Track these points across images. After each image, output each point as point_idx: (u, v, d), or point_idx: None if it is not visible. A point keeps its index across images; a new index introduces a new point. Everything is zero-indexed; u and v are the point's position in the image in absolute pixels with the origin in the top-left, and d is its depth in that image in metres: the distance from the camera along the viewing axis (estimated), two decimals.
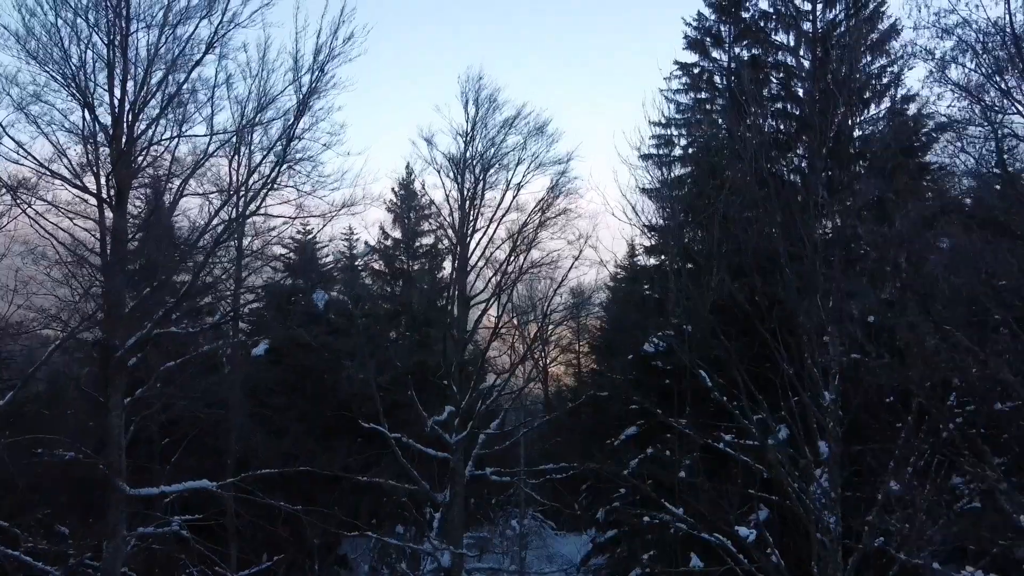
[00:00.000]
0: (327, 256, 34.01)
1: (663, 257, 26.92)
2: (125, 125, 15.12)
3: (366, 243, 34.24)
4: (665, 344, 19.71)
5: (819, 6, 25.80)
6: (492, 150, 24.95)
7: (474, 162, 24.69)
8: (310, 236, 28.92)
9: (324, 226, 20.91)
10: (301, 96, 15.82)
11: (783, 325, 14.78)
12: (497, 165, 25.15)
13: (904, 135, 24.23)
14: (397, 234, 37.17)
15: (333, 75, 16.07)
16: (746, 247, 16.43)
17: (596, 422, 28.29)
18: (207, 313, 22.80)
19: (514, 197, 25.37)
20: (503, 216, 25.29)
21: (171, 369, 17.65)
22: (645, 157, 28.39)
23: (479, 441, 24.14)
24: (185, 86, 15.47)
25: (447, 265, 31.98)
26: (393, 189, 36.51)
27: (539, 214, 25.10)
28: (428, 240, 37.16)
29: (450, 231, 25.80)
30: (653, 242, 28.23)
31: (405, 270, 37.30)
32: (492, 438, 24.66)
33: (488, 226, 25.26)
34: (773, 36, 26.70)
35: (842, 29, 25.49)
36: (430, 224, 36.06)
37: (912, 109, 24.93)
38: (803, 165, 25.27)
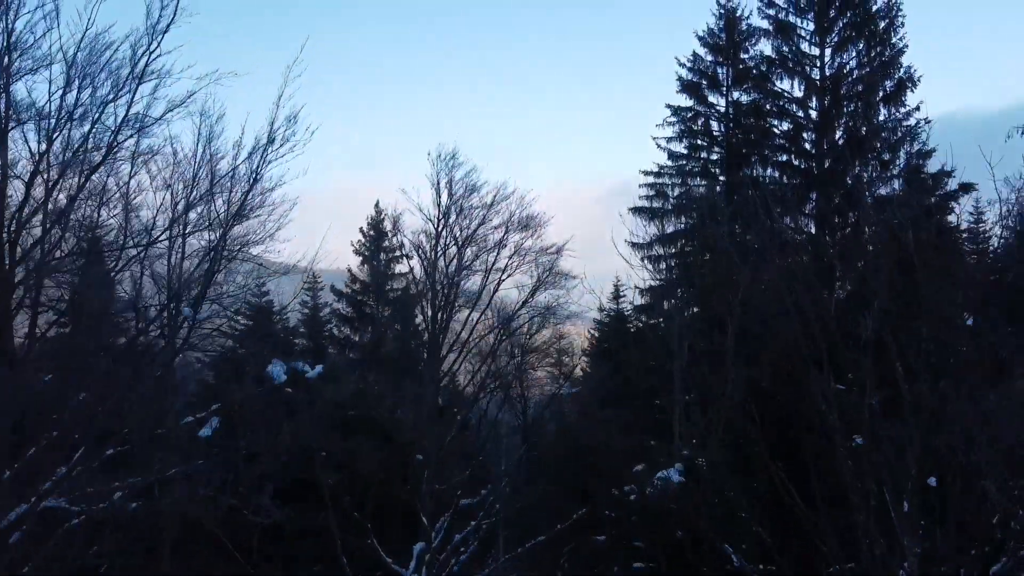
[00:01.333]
0: (288, 315, 31.46)
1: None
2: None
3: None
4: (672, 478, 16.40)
5: (828, 51, 23.55)
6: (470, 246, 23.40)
7: (449, 260, 23.05)
8: (266, 296, 26.22)
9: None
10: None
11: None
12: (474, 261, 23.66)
13: (923, 195, 22.04)
14: (365, 276, 34.48)
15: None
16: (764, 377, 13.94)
17: None
18: None
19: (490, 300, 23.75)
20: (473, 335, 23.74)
21: None
22: (637, 210, 26.07)
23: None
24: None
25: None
26: (361, 229, 33.84)
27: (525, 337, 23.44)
28: (400, 284, 34.56)
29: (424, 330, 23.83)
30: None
31: (374, 316, 34.68)
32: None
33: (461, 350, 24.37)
34: (776, 83, 24.40)
35: (855, 76, 23.26)
36: (401, 266, 33.57)
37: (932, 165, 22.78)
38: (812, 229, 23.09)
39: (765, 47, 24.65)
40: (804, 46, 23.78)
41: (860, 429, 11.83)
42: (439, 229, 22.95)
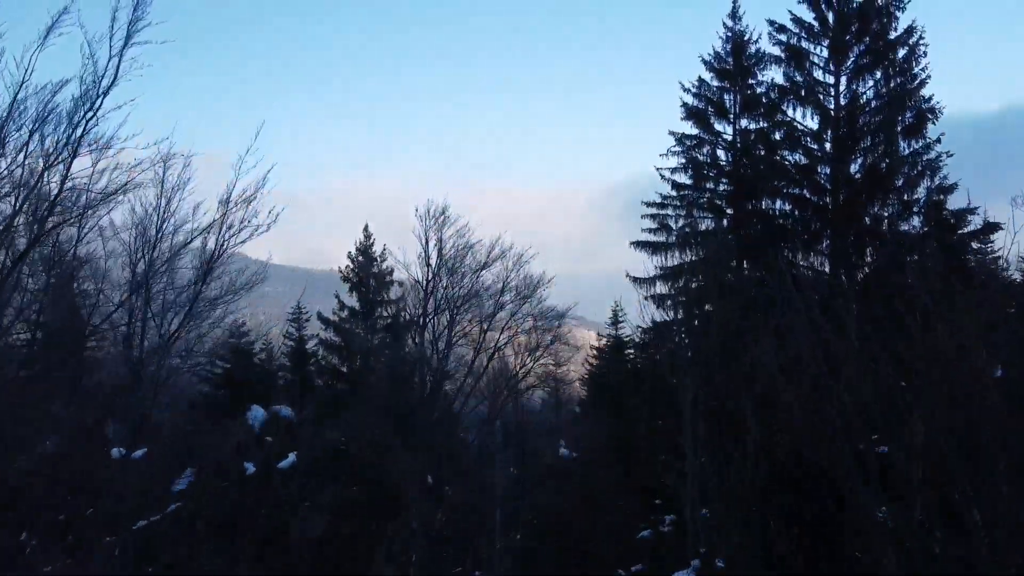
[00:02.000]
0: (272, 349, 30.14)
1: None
2: None
3: None
4: None
5: (843, 79, 22.12)
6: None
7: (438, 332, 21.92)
8: (244, 336, 24.86)
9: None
10: None
11: None
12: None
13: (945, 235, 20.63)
14: (354, 302, 33.06)
15: None
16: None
17: None
18: None
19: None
20: None
21: None
22: (639, 244, 24.68)
23: None
24: None
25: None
26: (350, 254, 32.50)
27: None
28: (390, 310, 33.14)
29: None
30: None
31: (363, 344, 33.22)
32: None
33: None
34: (788, 111, 23.01)
35: (872, 106, 21.83)
36: (393, 292, 32.17)
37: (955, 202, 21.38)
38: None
39: (776, 74, 23.27)
40: (818, 74, 22.35)
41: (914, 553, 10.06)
42: (428, 291, 21.77)
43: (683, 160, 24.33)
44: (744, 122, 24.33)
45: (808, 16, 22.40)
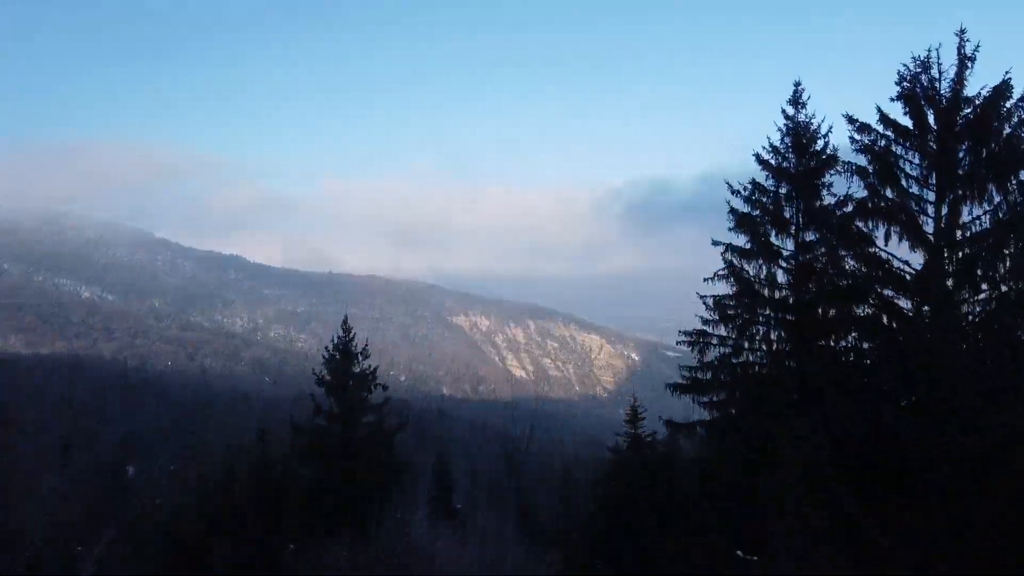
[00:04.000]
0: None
1: None
2: None
3: None
4: None
5: (948, 198, 17.37)
6: None
7: None
8: None
9: None
10: None
11: None
12: None
13: None
14: (334, 407, 28.34)
15: None
16: None
17: None
18: None
19: None
20: None
21: None
22: (674, 387, 20.15)
23: None
24: None
25: None
26: (327, 350, 28.02)
27: None
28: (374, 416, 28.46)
29: None
30: None
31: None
32: None
33: None
34: (864, 226, 18.26)
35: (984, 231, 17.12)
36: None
37: None
38: None
39: (850, 181, 18.59)
40: (913, 187, 17.92)
41: None
42: None
43: (732, 284, 19.57)
44: (809, 235, 19.56)
45: (902, 116, 18.23)
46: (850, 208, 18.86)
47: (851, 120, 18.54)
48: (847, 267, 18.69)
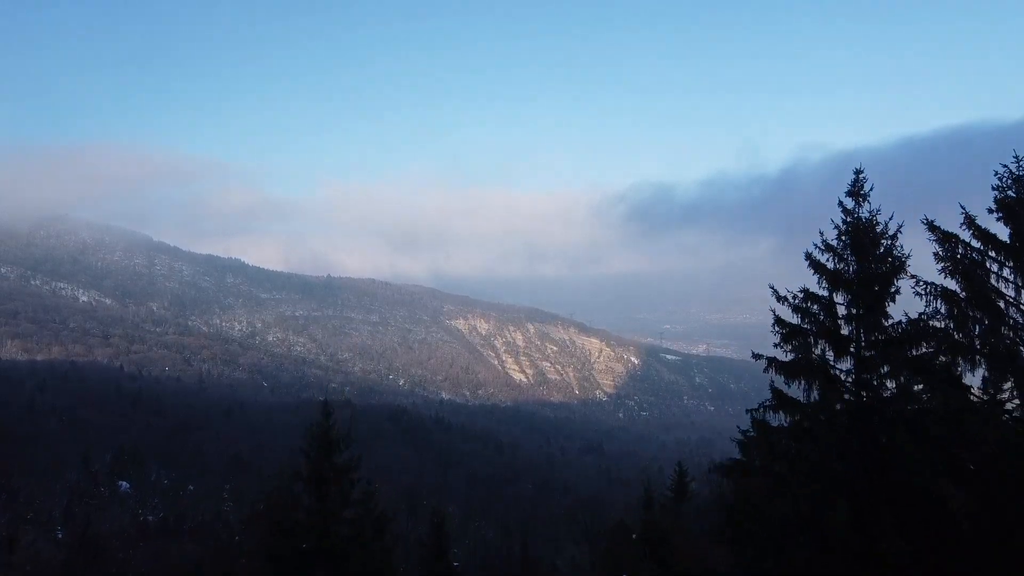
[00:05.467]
0: None
1: None
2: None
3: None
4: None
5: None
6: None
7: None
8: None
9: None
10: None
11: None
12: None
13: None
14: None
15: None
16: None
17: None
18: None
19: None
20: None
21: None
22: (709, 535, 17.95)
23: None
24: None
25: None
26: (303, 449, 25.45)
27: None
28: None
29: None
30: None
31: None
32: None
33: None
34: (958, 372, 15.49)
35: None
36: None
37: None
38: None
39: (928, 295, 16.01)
40: (1008, 310, 15.48)
41: None
42: None
43: (780, 415, 17.24)
44: (870, 352, 16.95)
45: (998, 226, 15.47)
46: (925, 322, 15.78)
47: (932, 227, 15.70)
48: (926, 401, 15.82)
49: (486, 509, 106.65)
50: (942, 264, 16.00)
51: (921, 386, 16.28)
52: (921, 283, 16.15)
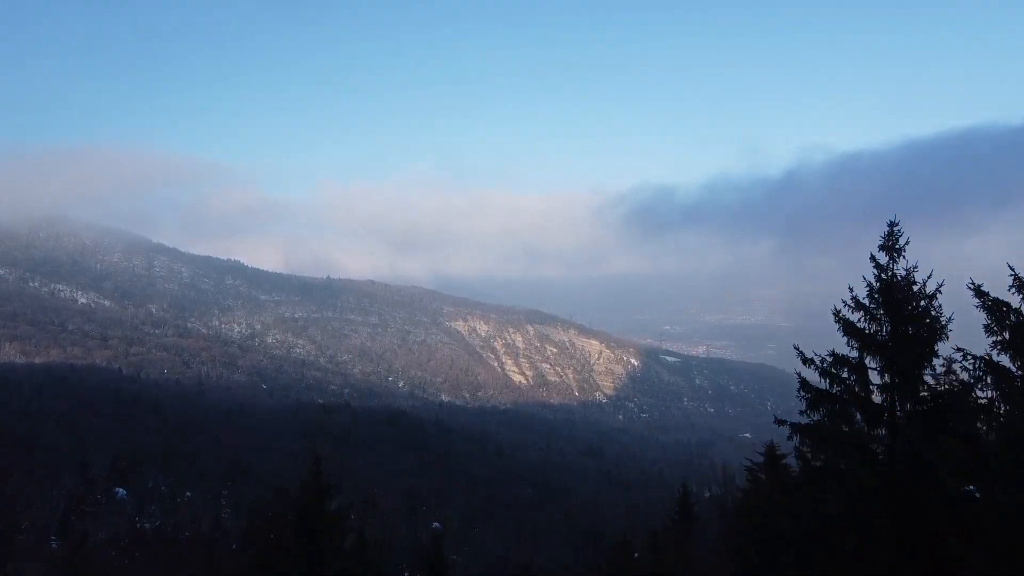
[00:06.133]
0: None
1: None
2: None
3: None
4: None
5: None
6: None
7: None
8: None
9: None
10: None
11: None
12: None
13: None
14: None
15: None
16: None
17: None
18: None
19: None
20: None
21: None
22: None
23: None
24: None
25: None
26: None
27: None
28: None
29: None
30: None
31: None
32: None
33: None
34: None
35: None
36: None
37: None
38: None
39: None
40: None
41: None
42: None
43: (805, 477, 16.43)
44: (907, 422, 15.70)
45: None
46: (969, 393, 14.57)
47: (979, 293, 14.52)
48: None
49: (486, 514, 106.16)
50: (993, 338, 14.75)
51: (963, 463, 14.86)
52: (968, 357, 14.71)
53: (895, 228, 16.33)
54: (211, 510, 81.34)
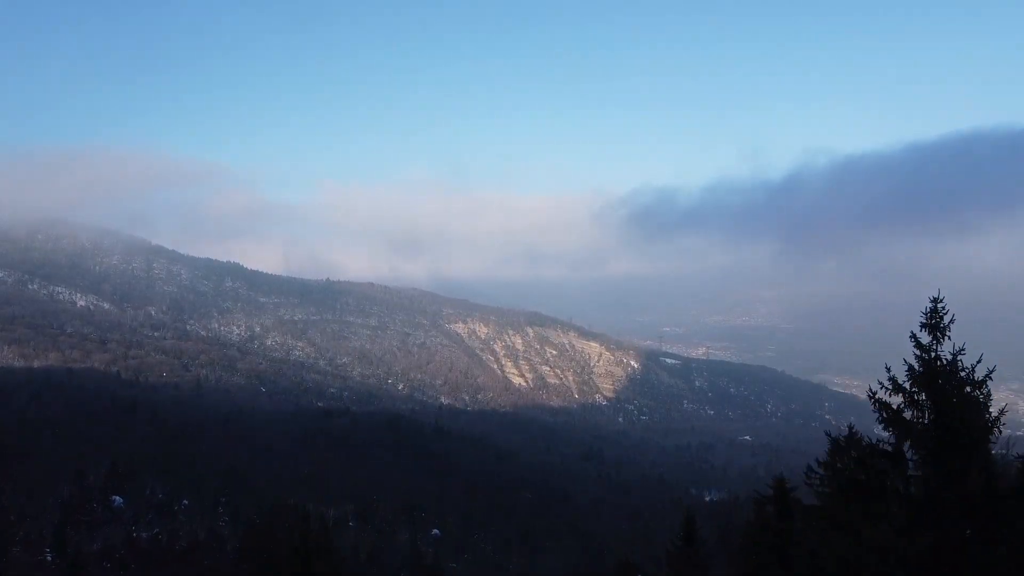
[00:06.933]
0: None
1: None
2: None
3: None
4: None
5: None
6: None
7: None
8: None
9: None
10: None
11: None
12: None
13: None
14: None
15: None
16: None
17: None
18: None
19: None
20: None
21: None
22: None
23: None
24: None
25: None
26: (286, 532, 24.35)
27: None
28: None
29: None
30: None
31: None
32: None
33: None
34: None
35: None
36: None
37: None
38: None
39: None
40: None
41: None
42: None
43: None
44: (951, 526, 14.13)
45: None
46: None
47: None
48: None
49: (486, 519, 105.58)
50: None
51: None
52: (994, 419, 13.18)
53: (939, 304, 14.91)
54: (208, 520, 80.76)
